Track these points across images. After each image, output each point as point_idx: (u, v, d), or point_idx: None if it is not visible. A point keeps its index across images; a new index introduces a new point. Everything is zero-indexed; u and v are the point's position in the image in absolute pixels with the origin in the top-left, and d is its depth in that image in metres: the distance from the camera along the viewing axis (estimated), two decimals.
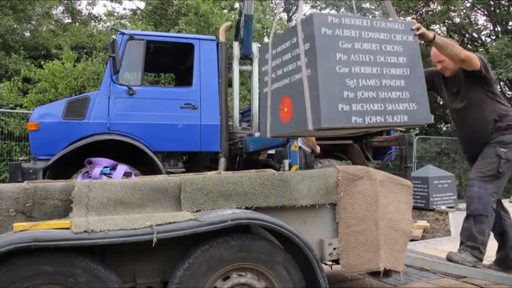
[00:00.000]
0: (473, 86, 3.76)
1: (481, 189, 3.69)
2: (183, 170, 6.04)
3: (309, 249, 2.52)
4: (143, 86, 6.27)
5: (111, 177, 3.55)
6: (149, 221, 2.23)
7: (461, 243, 3.76)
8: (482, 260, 3.71)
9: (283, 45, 2.90)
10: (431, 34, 3.15)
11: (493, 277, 3.72)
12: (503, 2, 14.65)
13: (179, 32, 12.72)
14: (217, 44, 6.67)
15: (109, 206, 2.42)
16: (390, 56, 2.81)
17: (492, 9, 14.44)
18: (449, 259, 3.64)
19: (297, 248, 2.53)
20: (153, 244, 2.15)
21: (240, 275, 2.47)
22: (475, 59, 3.56)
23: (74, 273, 2.13)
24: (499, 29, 14.91)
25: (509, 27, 15.11)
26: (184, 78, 7.24)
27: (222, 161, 6.28)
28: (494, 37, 15.19)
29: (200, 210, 2.52)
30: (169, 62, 7.66)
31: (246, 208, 2.58)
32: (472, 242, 3.65)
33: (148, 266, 2.44)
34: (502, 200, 4.20)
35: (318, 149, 5.63)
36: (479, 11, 15.31)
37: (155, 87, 8.75)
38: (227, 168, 6.15)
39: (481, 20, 15.79)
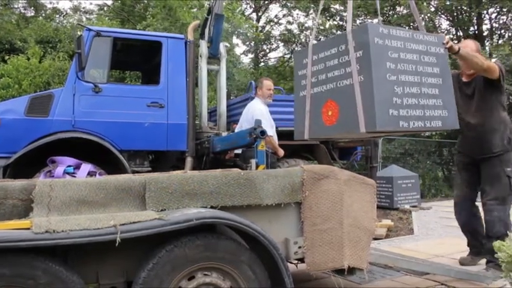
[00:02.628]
0: (488, 93, 4.03)
1: (500, 212, 4.03)
2: (149, 169, 5.99)
3: (274, 248, 2.54)
4: (109, 83, 6.19)
5: (75, 176, 3.49)
6: (113, 220, 2.20)
7: (488, 262, 4.11)
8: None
9: (328, 51, 3.07)
10: (456, 47, 3.40)
11: (452, 272, 3.88)
12: (465, 8, 15.08)
13: (146, 27, 12.56)
14: (186, 43, 6.63)
15: (72, 206, 2.38)
16: (427, 66, 3.06)
17: (455, 14, 14.84)
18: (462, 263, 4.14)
19: (262, 247, 2.53)
20: (117, 244, 2.12)
21: (205, 274, 2.46)
22: (496, 69, 3.84)
23: (34, 275, 2.07)
24: (461, 34, 15.33)
25: (470, 33, 15.59)
26: (151, 76, 7.17)
27: (189, 161, 6.26)
28: (456, 41, 15.61)
29: (165, 210, 2.49)
30: (137, 60, 7.59)
31: (212, 207, 2.57)
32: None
33: (111, 266, 2.40)
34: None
35: (281, 152, 5.67)
36: (443, 16, 15.69)
37: (121, 84, 8.64)
38: (194, 168, 6.13)
39: (445, 24, 16.20)
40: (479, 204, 4.49)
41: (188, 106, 6.39)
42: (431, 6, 14.47)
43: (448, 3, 12.73)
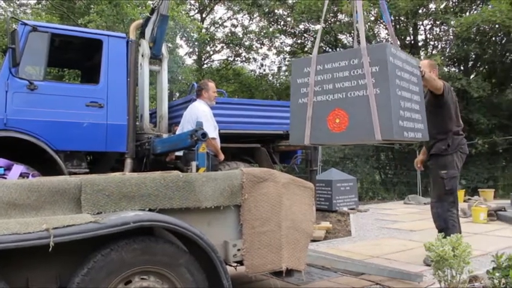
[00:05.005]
0: (435, 106, 4.72)
1: (439, 209, 4.75)
2: (87, 170, 5.82)
3: (212, 250, 2.54)
4: (46, 81, 5.96)
5: (5, 178, 3.34)
6: (45, 224, 2.11)
7: None
8: None
9: (336, 63, 3.30)
10: (423, 72, 3.95)
11: (386, 272, 4.03)
12: (402, 19, 15.73)
13: (88, 23, 12.19)
14: (127, 42, 6.50)
15: (1, 209, 2.27)
16: (413, 85, 3.45)
17: (393, 24, 15.43)
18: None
19: (201, 250, 2.52)
20: (50, 249, 2.04)
21: (142, 278, 2.42)
22: (441, 88, 4.62)
23: None
24: (399, 43, 15.97)
25: (407, 42, 16.28)
26: (90, 75, 6.96)
27: (128, 162, 6.13)
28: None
29: (101, 213, 2.43)
30: (76, 58, 7.35)
31: (150, 210, 2.54)
32: None
33: (43, 272, 2.30)
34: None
35: (222, 156, 5.68)
36: (382, 25, 16.29)
37: (59, 82, 8.30)
38: (133, 170, 6.02)
39: (383, 33, 16.82)
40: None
41: (129, 106, 6.26)
42: (371, 15, 14.99)
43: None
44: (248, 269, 2.88)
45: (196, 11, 22.10)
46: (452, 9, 15.41)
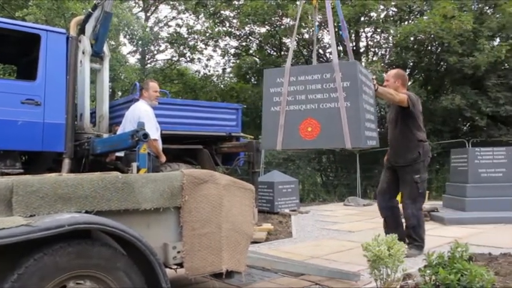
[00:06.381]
0: (402, 117, 5.21)
1: (413, 209, 5.21)
2: (21, 171, 5.57)
3: (151, 253, 2.50)
4: None
5: None
6: None
7: (409, 243, 5.05)
8: (422, 252, 4.98)
9: (309, 76, 3.58)
10: (377, 85, 4.32)
11: (325, 272, 4.12)
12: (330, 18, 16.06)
13: (26, 16, 11.68)
14: (67, 38, 6.29)
15: None
16: (369, 97, 3.76)
17: (336, 30, 15.82)
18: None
19: (139, 252, 2.48)
20: None
21: (77, 283, 2.33)
22: (405, 100, 5.03)
23: None
24: (341, 49, 16.39)
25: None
26: (27, 71, 6.66)
27: (66, 163, 5.94)
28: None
29: (35, 215, 2.34)
30: (12, 52, 7.02)
31: (86, 212, 2.47)
32: (416, 242, 5.18)
33: None
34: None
35: (163, 158, 5.62)
36: (326, 31, 16.65)
37: None
38: (71, 170, 5.83)
39: (326, 38, 17.18)
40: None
41: (68, 105, 6.06)
42: (316, 21, 15.27)
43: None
44: (188, 271, 2.86)
45: (140, 9, 21.72)
46: (391, 18, 15.98)
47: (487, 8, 14.96)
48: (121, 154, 5.78)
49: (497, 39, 15.06)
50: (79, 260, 2.31)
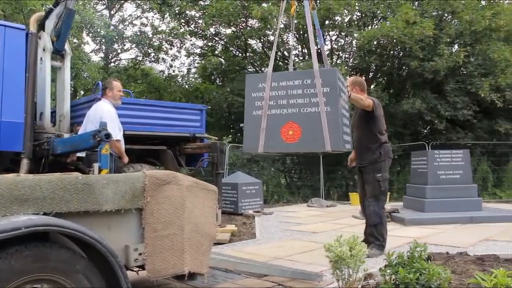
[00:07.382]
0: (365, 120, 5.51)
1: (375, 207, 5.43)
2: None
3: (112, 255, 2.46)
4: None
5: None
6: None
7: (370, 243, 5.25)
8: (383, 252, 5.07)
9: (291, 81, 3.73)
10: (350, 93, 4.67)
11: (288, 273, 4.16)
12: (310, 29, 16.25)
13: None
14: (27, 34, 6.12)
15: None
16: (344, 103, 3.95)
17: (301, 32, 15.96)
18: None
19: (100, 254, 2.43)
20: None
21: (35, 287, 2.29)
22: (371, 105, 5.34)
23: None
24: (306, 51, 16.57)
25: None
26: None
27: (25, 163, 5.77)
28: (301, 57, 16.85)
29: None
30: None
31: (45, 214, 2.40)
32: (377, 241, 5.36)
33: None
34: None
35: (126, 159, 5.55)
36: (291, 33, 16.77)
37: None
38: (30, 171, 5.67)
39: (292, 41, 17.30)
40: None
41: (27, 103, 5.89)
42: (280, 23, 15.38)
43: (295, 21, 13.64)
44: (150, 274, 2.84)
45: (104, 6, 21.32)
46: (355, 23, 16.24)
47: (446, 15, 15.39)
48: (82, 154, 5.66)
49: (456, 46, 15.54)
50: (36, 264, 2.24)
